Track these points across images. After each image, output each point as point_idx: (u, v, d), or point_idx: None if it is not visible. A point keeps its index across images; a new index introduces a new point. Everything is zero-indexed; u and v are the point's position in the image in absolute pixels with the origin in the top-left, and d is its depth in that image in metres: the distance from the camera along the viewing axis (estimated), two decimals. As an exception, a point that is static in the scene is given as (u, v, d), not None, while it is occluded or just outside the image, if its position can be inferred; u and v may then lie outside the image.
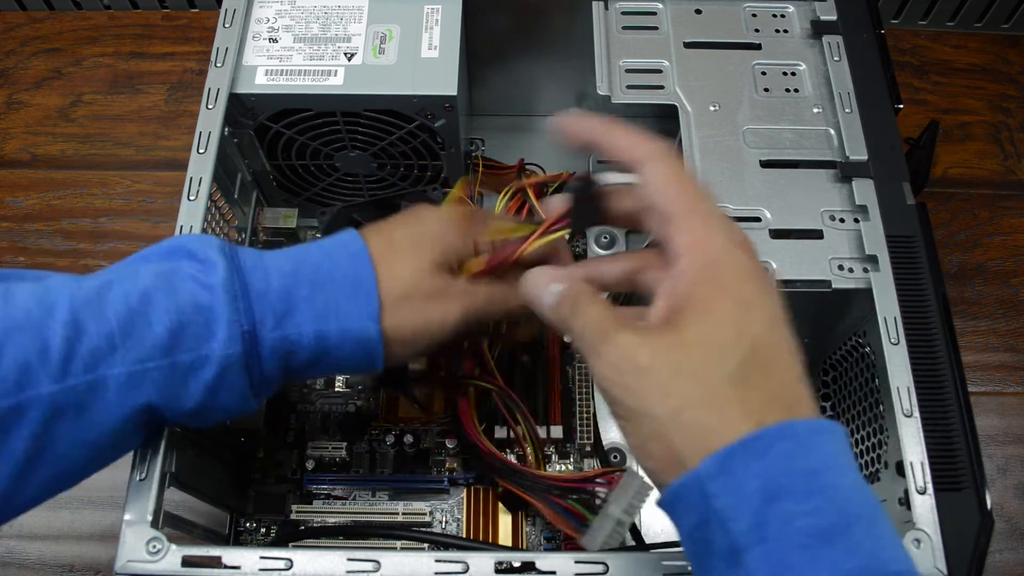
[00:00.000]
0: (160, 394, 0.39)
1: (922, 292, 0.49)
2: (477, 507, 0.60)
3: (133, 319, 0.38)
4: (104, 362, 0.37)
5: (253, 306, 0.40)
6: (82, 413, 0.37)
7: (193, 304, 0.39)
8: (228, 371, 0.40)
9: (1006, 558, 0.66)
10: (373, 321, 0.42)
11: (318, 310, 0.41)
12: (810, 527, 0.30)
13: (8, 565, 0.64)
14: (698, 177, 0.39)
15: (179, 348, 0.39)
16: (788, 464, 0.31)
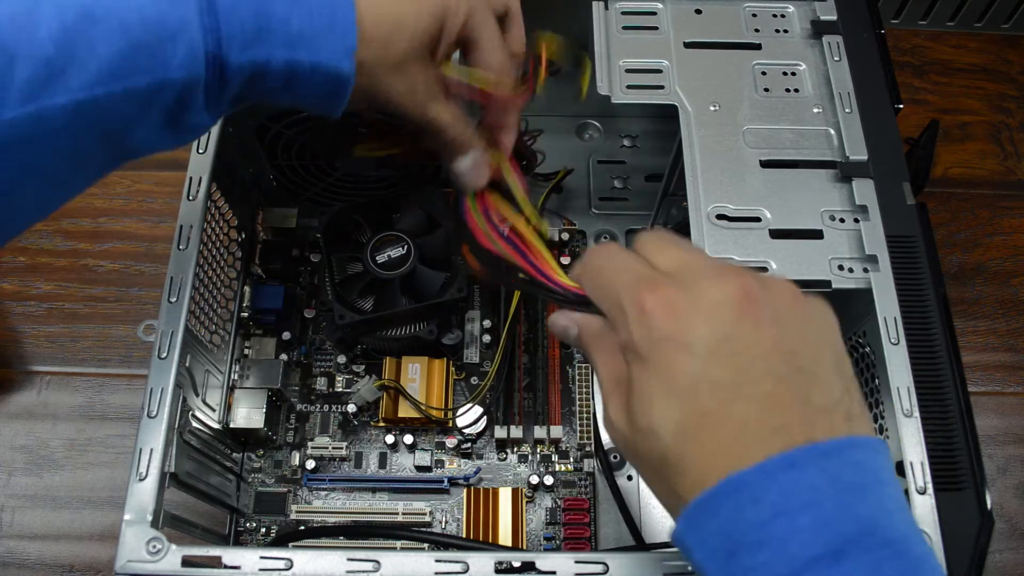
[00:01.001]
0: (116, 121, 0.35)
1: (922, 292, 0.49)
2: (477, 507, 0.60)
3: (74, 40, 0.33)
4: (46, 91, 0.33)
5: (220, 24, 0.35)
6: (29, 146, 0.33)
7: (143, 19, 0.34)
8: (189, 94, 0.36)
9: (1006, 558, 0.66)
10: (348, 58, 0.38)
11: (291, 36, 0.37)
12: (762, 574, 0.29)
13: (8, 565, 0.64)
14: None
15: (133, 72, 0.34)
16: (740, 516, 0.30)
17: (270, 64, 0.37)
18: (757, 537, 0.29)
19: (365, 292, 0.62)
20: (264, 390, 0.62)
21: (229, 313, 0.62)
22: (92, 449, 0.68)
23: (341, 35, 0.38)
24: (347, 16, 0.38)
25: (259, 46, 0.36)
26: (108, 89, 0.34)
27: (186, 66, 0.35)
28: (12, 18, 0.32)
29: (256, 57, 0.37)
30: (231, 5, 0.35)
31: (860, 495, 0.30)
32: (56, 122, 0.33)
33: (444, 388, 0.63)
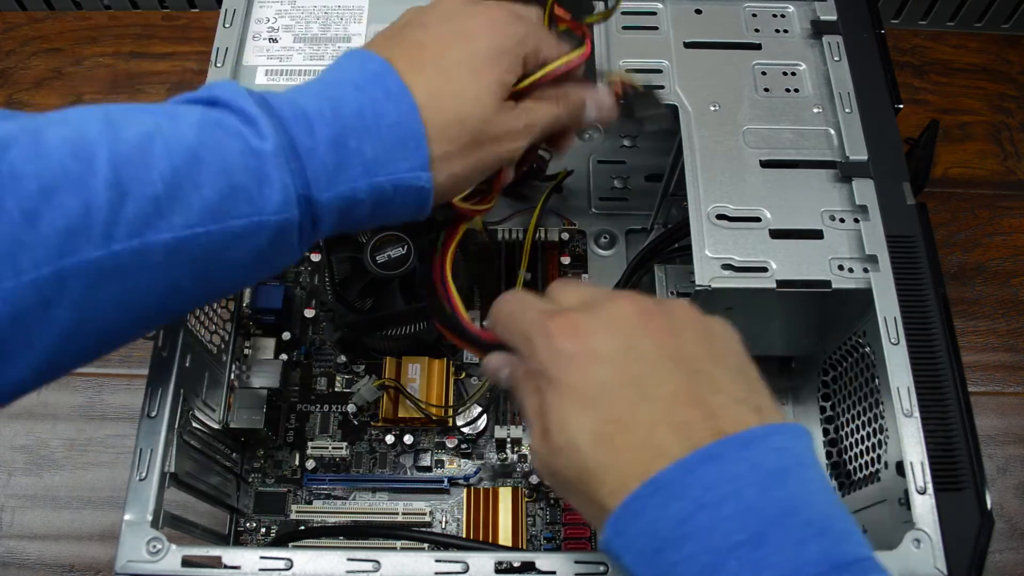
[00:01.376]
0: (211, 258, 0.36)
1: (922, 292, 0.49)
2: (477, 507, 0.60)
3: (180, 182, 0.35)
4: (151, 227, 0.34)
5: (305, 166, 0.37)
6: (127, 280, 0.35)
7: (243, 165, 0.36)
8: (282, 236, 0.38)
9: (1006, 558, 0.66)
10: (424, 171, 0.40)
11: (368, 163, 0.38)
12: (689, 573, 0.30)
13: (8, 565, 0.64)
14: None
15: (231, 214, 0.36)
16: (664, 514, 0.31)
17: (356, 195, 0.39)
18: (681, 532, 0.30)
19: (365, 292, 0.62)
20: (264, 390, 0.62)
21: (229, 313, 0.62)
22: (92, 449, 0.68)
23: (413, 151, 0.39)
24: (416, 132, 0.39)
25: (342, 180, 0.38)
26: (208, 228, 0.35)
27: (280, 210, 0.37)
28: (129, 157, 0.34)
29: (342, 192, 0.38)
30: (310, 146, 0.37)
31: (781, 479, 0.31)
32: (157, 256, 0.35)
33: (444, 388, 0.63)
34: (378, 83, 0.39)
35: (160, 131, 0.35)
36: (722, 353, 0.36)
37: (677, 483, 0.31)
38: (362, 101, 0.39)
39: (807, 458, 0.32)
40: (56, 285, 0.33)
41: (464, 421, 0.63)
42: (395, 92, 0.39)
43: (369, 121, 0.38)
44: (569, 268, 0.70)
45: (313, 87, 0.40)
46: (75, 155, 0.33)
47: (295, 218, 0.37)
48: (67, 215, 0.32)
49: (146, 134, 0.35)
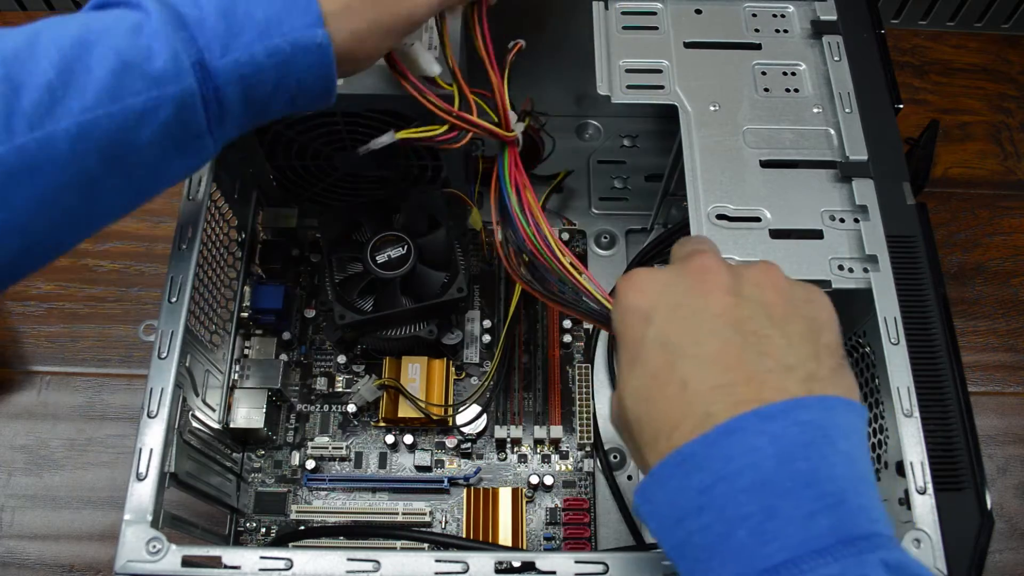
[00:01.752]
0: (119, 142, 0.37)
1: (922, 292, 0.49)
2: (477, 507, 0.60)
3: (71, 66, 0.35)
4: (51, 116, 0.35)
5: (195, 35, 0.37)
6: (36, 173, 0.35)
7: (131, 44, 0.36)
8: (185, 108, 0.38)
9: (1006, 558, 0.66)
10: (319, 27, 0.40)
11: (260, 26, 0.39)
12: (703, 542, 0.31)
13: (8, 565, 0.64)
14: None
15: (127, 91, 0.36)
16: (686, 485, 0.32)
17: (254, 59, 0.38)
18: (700, 502, 0.31)
19: (365, 292, 0.62)
20: (264, 390, 0.62)
21: (229, 313, 0.62)
22: (92, 449, 0.68)
23: (304, 7, 0.39)
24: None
25: (236, 45, 0.38)
26: (107, 110, 0.36)
27: (175, 79, 0.37)
28: (15, 52, 0.35)
29: (238, 57, 0.38)
30: (197, 16, 0.38)
31: (803, 452, 0.31)
32: (62, 145, 0.35)
33: (444, 388, 0.63)
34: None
35: (47, 27, 0.36)
36: (788, 317, 0.35)
37: (700, 455, 0.32)
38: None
39: (835, 431, 0.32)
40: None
41: (464, 420, 0.63)
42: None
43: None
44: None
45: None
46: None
47: (193, 87, 0.37)
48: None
49: (32, 31, 0.36)
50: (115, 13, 0.37)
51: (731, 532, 0.30)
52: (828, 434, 0.32)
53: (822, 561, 0.29)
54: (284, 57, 0.39)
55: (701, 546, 0.31)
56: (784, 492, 0.30)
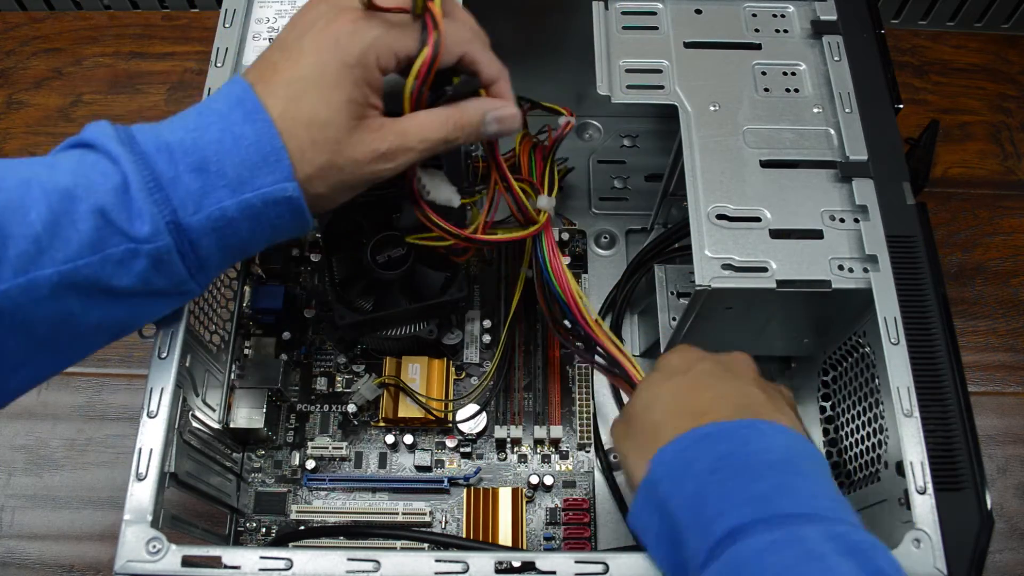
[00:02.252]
0: (93, 287, 0.39)
1: (922, 292, 0.49)
2: (477, 507, 0.60)
3: (58, 219, 0.38)
4: (35, 264, 0.37)
5: (170, 195, 0.40)
6: (18, 312, 0.38)
7: (114, 203, 0.39)
8: (162, 262, 0.40)
9: (1006, 558, 0.66)
10: (289, 181, 0.41)
11: (232, 183, 0.41)
12: (718, 488, 0.38)
13: (8, 565, 0.64)
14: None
15: (107, 243, 0.39)
16: (709, 450, 0.40)
17: (225, 214, 0.41)
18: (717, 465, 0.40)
19: (365, 292, 0.62)
20: (264, 390, 0.62)
21: (229, 313, 0.62)
22: (92, 449, 0.68)
23: (275, 165, 0.41)
24: (275, 147, 0.41)
25: (209, 202, 0.40)
26: (87, 260, 0.39)
27: (152, 238, 0.39)
28: (6, 203, 0.37)
29: (211, 213, 0.41)
30: (172, 176, 0.40)
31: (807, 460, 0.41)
32: (43, 290, 0.38)
33: (444, 388, 0.63)
34: (238, 107, 0.41)
35: (37, 178, 0.38)
36: (789, 401, 0.46)
37: (723, 433, 0.41)
38: (222, 127, 0.41)
39: (826, 466, 0.42)
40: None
41: (463, 418, 0.63)
42: (252, 113, 0.41)
43: (229, 144, 0.41)
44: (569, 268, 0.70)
45: (186, 118, 0.42)
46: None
47: (169, 244, 0.40)
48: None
49: (23, 181, 0.38)
50: (101, 168, 0.39)
51: (748, 485, 0.38)
52: (821, 463, 0.41)
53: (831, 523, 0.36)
54: (256, 211, 0.41)
55: (715, 492, 0.38)
56: (795, 474, 0.39)
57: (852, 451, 0.54)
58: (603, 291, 0.69)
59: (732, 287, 0.49)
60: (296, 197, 0.42)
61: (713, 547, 0.36)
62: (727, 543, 0.36)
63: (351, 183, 0.44)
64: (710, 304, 0.50)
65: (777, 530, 0.36)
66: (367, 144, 0.43)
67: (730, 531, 0.36)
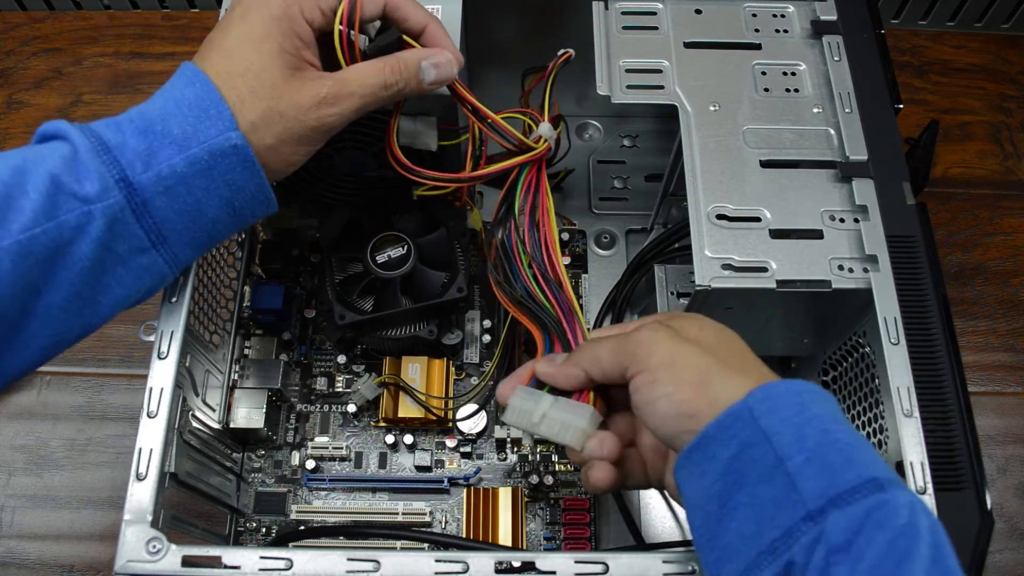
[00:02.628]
0: (53, 255, 0.40)
1: (922, 292, 0.49)
2: (477, 507, 0.60)
3: (11, 192, 0.39)
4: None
5: (116, 156, 0.41)
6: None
7: (63, 169, 0.40)
8: (117, 222, 0.41)
9: (1006, 558, 0.66)
10: (233, 131, 0.43)
11: (178, 140, 0.42)
12: (845, 439, 0.36)
13: (8, 565, 0.64)
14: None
15: (60, 208, 0.40)
16: (815, 400, 0.38)
17: (175, 170, 0.42)
18: (835, 417, 0.38)
19: (365, 292, 0.62)
20: (264, 390, 0.62)
21: (229, 313, 0.62)
22: (92, 449, 0.68)
23: (216, 117, 0.43)
24: (214, 101, 0.43)
25: (156, 160, 0.42)
26: (44, 227, 0.39)
27: (102, 196, 0.40)
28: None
29: (160, 170, 0.42)
30: (119, 140, 0.41)
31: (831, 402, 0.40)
32: (4, 263, 0.38)
33: (444, 388, 0.63)
34: (180, 77, 0.44)
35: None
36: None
37: (820, 392, 0.39)
38: (165, 95, 0.44)
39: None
40: None
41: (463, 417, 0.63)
42: (190, 76, 0.44)
43: (171, 107, 0.43)
44: (569, 268, 0.70)
45: (137, 106, 0.44)
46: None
47: (121, 201, 0.41)
48: None
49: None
50: (51, 144, 0.41)
51: (867, 446, 0.37)
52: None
53: (896, 486, 0.35)
54: (204, 164, 0.43)
55: (846, 442, 0.37)
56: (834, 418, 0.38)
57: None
58: (603, 291, 0.69)
59: (732, 287, 0.49)
60: (242, 146, 0.43)
61: (845, 493, 0.34)
62: (868, 490, 0.34)
63: (298, 131, 0.45)
64: (710, 304, 0.50)
65: (899, 492, 0.35)
66: (307, 90, 0.45)
67: (870, 480, 0.35)
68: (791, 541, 0.35)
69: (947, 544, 0.34)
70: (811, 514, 0.34)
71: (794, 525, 0.35)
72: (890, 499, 0.34)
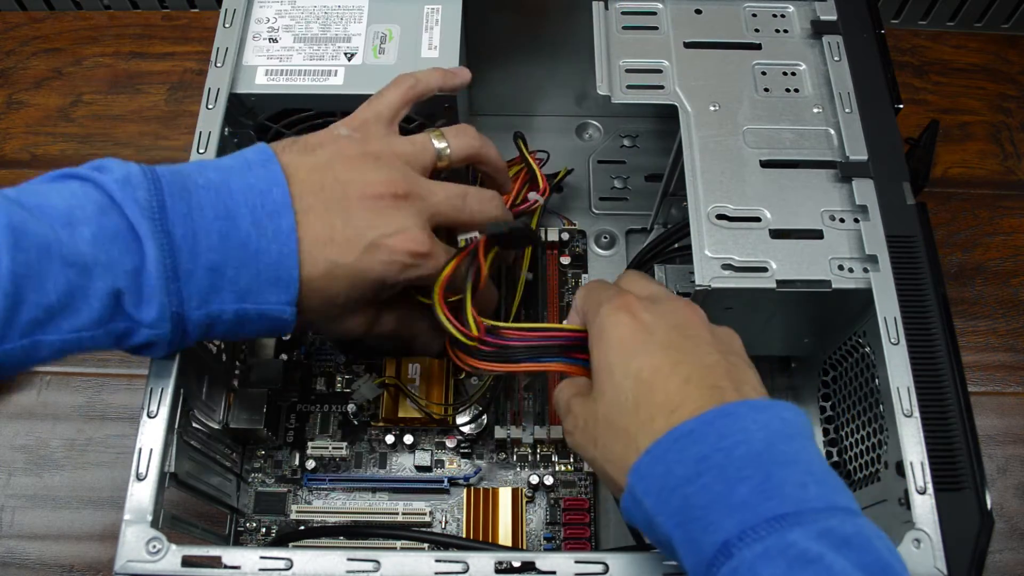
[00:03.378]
0: (85, 349, 0.41)
1: (922, 292, 0.49)
2: (477, 507, 0.60)
3: (73, 294, 0.39)
4: (42, 330, 0.38)
5: (182, 288, 0.41)
6: (13, 368, 0.39)
7: (129, 283, 0.40)
8: (154, 342, 0.42)
9: (1006, 558, 0.66)
10: (290, 307, 0.44)
11: (241, 291, 0.43)
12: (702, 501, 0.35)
13: (8, 565, 0.64)
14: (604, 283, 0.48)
15: (113, 320, 0.40)
16: (683, 456, 0.37)
17: (222, 315, 0.43)
18: (698, 469, 0.36)
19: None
20: (264, 390, 0.62)
21: (229, 313, 0.62)
22: (92, 449, 0.68)
23: (284, 289, 0.43)
24: (291, 276, 0.43)
25: (213, 301, 0.42)
26: (92, 333, 0.40)
27: (155, 325, 0.41)
28: (26, 271, 0.37)
29: (211, 310, 0.43)
30: (190, 269, 0.41)
31: (787, 439, 0.37)
32: (43, 352, 0.39)
33: (444, 388, 0.63)
34: (271, 220, 0.43)
35: (58, 244, 0.38)
36: (743, 354, 0.43)
37: (697, 431, 0.37)
38: (250, 233, 0.42)
39: (808, 431, 0.38)
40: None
41: (464, 419, 0.63)
42: (284, 234, 0.43)
43: (250, 253, 0.42)
44: (569, 268, 0.70)
45: (218, 196, 0.42)
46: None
47: (167, 331, 0.42)
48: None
49: (45, 246, 0.38)
50: (123, 241, 0.40)
51: (731, 489, 0.35)
52: (803, 432, 0.38)
53: (820, 517, 0.34)
54: (248, 318, 0.44)
55: (700, 505, 0.35)
56: (777, 463, 0.35)
57: (852, 451, 0.54)
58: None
59: (732, 287, 0.49)
60: (289, 320, 0.44)
61: (707, 567, 0.35)
62: (720, 561, 0.34)
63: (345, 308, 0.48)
64: (710, 304, 0.50)
65: (768, 537, 0.34)
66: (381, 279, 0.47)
67: (720, 547, 0.34)
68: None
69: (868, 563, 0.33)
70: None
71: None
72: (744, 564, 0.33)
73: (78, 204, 0.40)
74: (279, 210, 0.43)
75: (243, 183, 0.43)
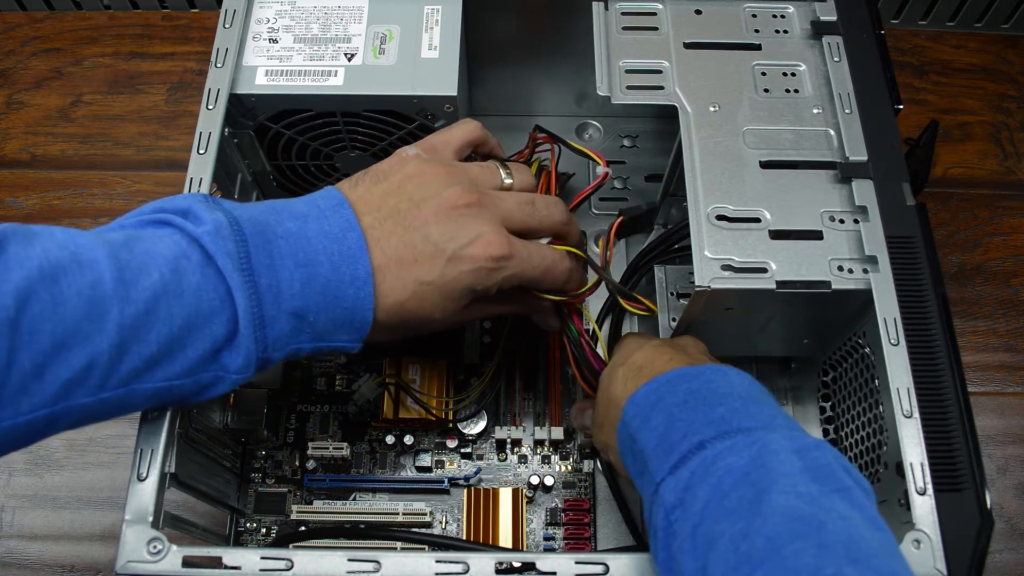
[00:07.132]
0: (172, 400, 0.42)
1: (922, 292, 0.49)
2: (477, 507, 0.60)
3: (173, 345, 0.40)
4: (139, 379, 0.39)
5: (267, 334, 0.42)
6: (106, 415, 0.40)
7: (223, 333, 0.41)
8: (236, 384, 0.43)
9: (1006, 558, 0.66)
10: (359, 343, 0.46)
11: (318, 333, 0.44)
12: (686, 417, 0.41)
13: (8, 565, 0.64)
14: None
15: (205, 369, 0.41)
16: (672, 388, 0.43)
17: (299, 353, 0.45)
18: (685, 397, 0.42)
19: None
20: (264, 390, 0.62)
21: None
22: (92, 449, 0.68)
23: (358, 330, 0.45)
24: (365, 319, 0.44)
25: (292, 342, 0.44)
26: (183, 382, 0.41)
27: (242, 371, 0.42)
28: (133, 321, 0.38)
29: (289, 351, 0.44)
30: (274, 315, 0.42)
31: (765, 394, 0.43)
32: (137, 400, 0.40)
33: (444, 388, 0.63)
34: (349, 265, 0.44)
35: (166, 293, 0.39)
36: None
37: (690, 374, 0.44)
38: (329, 279, 0.43)
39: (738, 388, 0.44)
40: (46, 424, 0.38)
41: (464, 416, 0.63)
42: (360, 279, 0.44)
43: (329, 299, 0.43)
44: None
45: (298, 244, 0.43)
46: (89, 316, 0.37)
47: (251, 375, 0.43)
48: (71, 369, 0.37)
49: (153, 296, 0.39)
50: (218, 292, 0.40)
51: (712, 409, 0.41)
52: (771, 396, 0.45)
53: (788, 430, 0.40)
54: (320, 351, 0.46)
55: (682, 418, 0.41)
56: (754, 401, 0.42)
57: (852, 452, 0.54)
58: (603, 292, 0.69)
59: (732, 288, 0.49)
60: (356, 350, 0.46)
61: (677, 461, 0.39)
62: (692, 454, 0.39)
63: (407, 334, 0.48)
64: (710, 305, 0.50)
65: (737, 436, 0.39)
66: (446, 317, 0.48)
67: (696, 444, 0.39)
68: (649, 514, 0.41)
69: (819, 464, 0.37)
70: (656, 487, 0.40)
71: (649, 499, 0.41)
72: (714, 453, 0.38)
73: (182, 254, 0.41)
74: (355, 254, 0.44)
75: (319, 229, 0.44)
